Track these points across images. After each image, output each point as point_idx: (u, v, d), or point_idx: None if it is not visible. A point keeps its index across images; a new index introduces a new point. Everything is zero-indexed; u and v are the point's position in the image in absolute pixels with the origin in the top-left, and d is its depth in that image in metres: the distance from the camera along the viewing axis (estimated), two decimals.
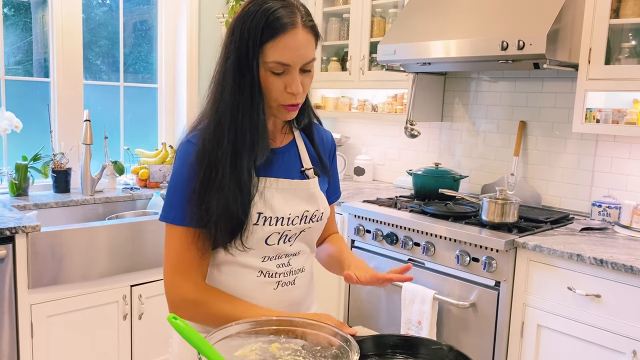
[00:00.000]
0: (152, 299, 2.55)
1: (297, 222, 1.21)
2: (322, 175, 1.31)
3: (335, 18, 3.56)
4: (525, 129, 2.91)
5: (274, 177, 1.19)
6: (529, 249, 2.16)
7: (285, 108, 1.15)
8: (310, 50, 1.12)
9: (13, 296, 2.17)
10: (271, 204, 1.17)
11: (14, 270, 2.16)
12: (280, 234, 1.19)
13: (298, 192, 1.22)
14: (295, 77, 1.11)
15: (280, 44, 1.07)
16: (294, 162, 1.26)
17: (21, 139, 2.77)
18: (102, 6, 3.08)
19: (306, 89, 1.16)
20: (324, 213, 1.27)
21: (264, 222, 1.16)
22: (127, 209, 2.88)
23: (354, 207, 2.77)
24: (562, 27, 2.34)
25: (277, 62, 1.08)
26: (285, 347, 1.01)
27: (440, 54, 2.57)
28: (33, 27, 2.85)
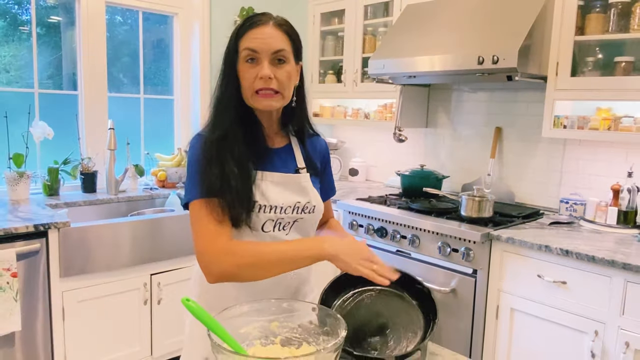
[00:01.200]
0: (170, 286, 2.59)
1: (290, 212, 1.25)
2: (314, 176, 1.35)
3: (331, 36, 3.59)
4: (500, 134, 2.95)
5: (269, 171, 1.24)
6: (502, 241, 2.20)
7: (258, 95, 1.18)
8: (277, 42, 1.17)
9: (47, 284, 2.22)
10: (266, 194, 1.21)
11: (47, 261, 2.20)
12: (275, 221, 1.23)
13: (291, 185, 1.26)
14: (264, 64, 1.16)
15: (249, 35, 1.18)
16: (290, 162, 1.31)
17: (53, 145, 2.82)
18: (123, 25, 3.12)
19: (281, 80, 1.19)
20: (315, 206, 1.30)
21: (259, 210, 1.20)
22: (147, 206, 2.92)
23: (349, 205, 2.80)
24: (532, 43, 2.37)
25: (247, 48, 1.17)
26: (284, 325, 1.05)
27: (424, 68, 2.60)
28: (62, 45, 2.89)
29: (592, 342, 1.96)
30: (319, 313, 1.04)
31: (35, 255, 2.16)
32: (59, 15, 2.86)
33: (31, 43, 2.75)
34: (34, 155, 2.79)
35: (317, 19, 3.58)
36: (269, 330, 1.04)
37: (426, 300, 1.13)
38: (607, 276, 1.92)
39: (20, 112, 2.72)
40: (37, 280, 2.18)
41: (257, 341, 1.01)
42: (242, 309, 1.02)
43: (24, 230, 2.10)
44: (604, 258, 1.89)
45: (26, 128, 2.67)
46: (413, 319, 1.12)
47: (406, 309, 1.15)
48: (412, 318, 1.13)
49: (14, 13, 2.69)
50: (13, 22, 2.69)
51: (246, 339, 1.00)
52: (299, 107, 1.30)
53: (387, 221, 2.61)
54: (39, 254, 2.16)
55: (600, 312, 1.94)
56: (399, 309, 1.16)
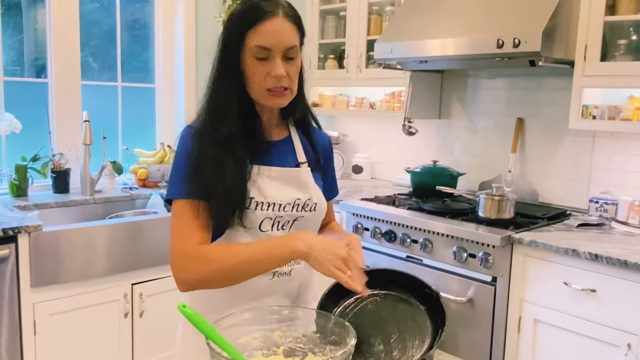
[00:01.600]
0: (153, 297, 2.63)
1: (289, 209, 1.29)
2: (316, 171, 1.40)
3: (332, 16, 3.64)
4: (522, 126, 3.00)
5: (267, 165, 1.28)
6: (524, 245, 2.25)
7: (270, 93, 1.24)
8: (290, 37, 1.22)
9: (16, 295, 2.25)
10: (263, 190, 1.26)
11: (17, 269, 2.24)
12: (273, 219, 1.28)
13: (290, 180, 1.31)
14: (277, 62, 1.21)
15: (260, 29, 1.20)
16: (290, 155, 1.36)
17: (19, 140, 2.85)
18: (94, 2, 3.14)
19: (292, 76, 1.25)
20: (317, 203, 1.34)
21: (255, 207, 1.25)
22: (126, 208, 2.96)
23: (352, 206, 2.85)
24: (557, 24, 2.42)
25: (259, 46, 1.20)
26: (287, 335, 1.10)
27: (437, 52, 2.65)
28: (25, 27, 2.92)
29: (625, 356, 2.01)
30: (322, 321, 1.08)
31: (3, 262, 2.20)
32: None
33: None
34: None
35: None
36: (271, 340, 1.09)
37: (435, 305, 1.18)
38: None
39: None
40: (5, 291, 2.22)
41: (258, 352, 1.06)
42: (242, 317, 1.07)
43: None
44: (637, 263, 1.95)
45: None
46: (420, 326, 1.17)
47: (413, 314, 1.20)
48: (419, 325, 1.18)
49: None
50: None
51: (246, 350, 1.05)
52: (300, 95, 1.34)
53: (396, 224, 2.66)
54: (7, 261, 2.20)
55: (634, 323, 2.00)
56: (405, 315, 1.21)
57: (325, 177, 1.47)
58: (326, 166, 1.48)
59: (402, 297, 1.23)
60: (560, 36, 2.45)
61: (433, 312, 1.18)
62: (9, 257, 2.21)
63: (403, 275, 1.26)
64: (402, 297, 1.23)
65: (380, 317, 1.21)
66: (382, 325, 1.19)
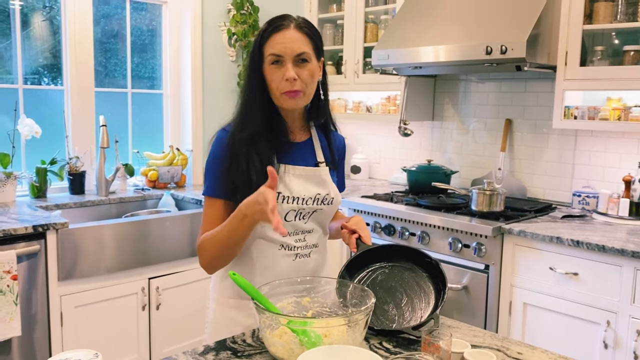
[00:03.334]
0: (169, 290, 2.85)
1: (311, 203, 1.53)
2: (332, 170, 1.63)
3: (330, 24, 3.88)
4: (511, 127, 3.26)
5: (292, 164, 1.52)
6: (514, 234, 2.50)
7: (285, 95, 1.47)
8: (299, 45, 1.46)
9: (45, 288, 2.47)
10: (289, 186, 1.50)
11: (46, 264, 2.45)
12: (296, 211, 1.52)
13: (312, 178, 1.55)
14: (288, 67, 1.45)
15: (272, 41, 1.45)
16: (310, 155, 1.59)
17: (37, 144, 3.06)
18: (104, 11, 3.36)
19: (304, 80, 1.47)
20: (334, 198, 1.58)
21: (282, 201, 1.48)
22: (138, 208, 3.18)
23: (353, 202, 3.09)
24: (541, 33, 2.68)
25: (271, 53, 1.45)
26: (315, 301, 1.33)
27: (430, 58, 2.90)
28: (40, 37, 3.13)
29: (605, 332, 2.26)
30: (344, 288, 1.32)
31: (34, 258, 2.41)
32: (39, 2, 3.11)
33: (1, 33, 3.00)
34: (19, 155, 3.04)
35: (315, 6, 3.87)
36: (301, 305, 1.33)
37: (435, 272, 1.42)
38: (617, 265, 2.22)
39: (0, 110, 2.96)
40: (35, 284, 2.43)
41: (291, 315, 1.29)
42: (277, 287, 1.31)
43: (22, 231, 2.35)
44: (613, 247, 2.20)
45: (9, 126, 2.92)
46: (425, 290, 1.41)
47: (418, 281, 1.44)
48: (424, 289, 1.42)
49: None
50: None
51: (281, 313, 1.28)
52: (325, 102, 1.59)
53: (394, 218, 2.90)
54: (37, 256, 2.42)
55: (612, 302, 2.25)
56: (411, 282, 1.45)
57: (337, 174, 1.71)
58: (339, 164, 1.72)
59: (407, 267, 1.47)
60: (544, 43, 2.71)
61: (434, 277, 1.42)
62: (39, 252, 2.42)
63: (405, 248, 1.51)
64: (406, 267, 1.47)
65: (390, 285, 1.45)
66: (392, 292, 1.43)
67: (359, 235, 1.57)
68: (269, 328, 1.19)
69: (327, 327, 1.13)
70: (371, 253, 1.52)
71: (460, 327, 1.40)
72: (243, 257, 1.54)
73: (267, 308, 1.18)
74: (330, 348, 1.08)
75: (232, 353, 1.23)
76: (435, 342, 1.12)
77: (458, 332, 1.36)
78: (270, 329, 1.19)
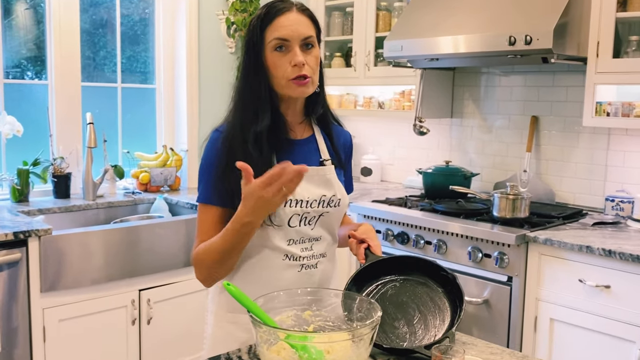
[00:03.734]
0: (161, 303, 2.87)
1: (316, 205, 1.54)
2: (338, 168, 1.65)
3: (338, 12, 3.90)
4: (537, 124, 3.26)
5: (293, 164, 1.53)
6: (539, 243, 2.50)
7: (294, 82, 1.48)
8: (305, 28, 1.48)
9: (26, 300, 2.50)
10: None
11: (27, 273, 2.48)
12: (300, 215, 1.53)
13: (315, 178, 1.56)
14: (296, 51, 1.46)
15: (276, 24, 1.46)
16: (313, 153, 1.61)
17: (18, 143, 3.10)
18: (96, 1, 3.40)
19: (312, 66, 1.49)
20: (340, 199, 1.60)
21: (284, 204, 1.49)
22: (128, 213, 3.21)
23: (363, 207, 3.10)
24: (570, 21, 2.69)
25: (276, 38, 1.46)
26: (317, 315, 1.35)
27: (448, 49, 2.91)
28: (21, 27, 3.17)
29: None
30: (349, 301, 1.33)
31: (15, 267, 2.44)
32: None
33: None
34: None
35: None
36: (302, 319, 1.34)
37: (452, 287, 1.43)
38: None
39: None
40: (16, 295, 2.46)
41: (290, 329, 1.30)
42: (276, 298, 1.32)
43: (2, 238, 2.38)
44: None
45: None
46: (440, 307, 1.42)
47: (432, 297, 1.45)
48: (438, 306, 1.42)
49: None
50: None
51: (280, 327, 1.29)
52: (321, 91, 1.60)
53: (408, 225, 2.91)
54: (18, 265, 2.45)
55: None
56: (424, 297, 1.45)
57: (345, 174, 1.72)
58: (346, 163, 1.73)
59: (420, 281, 1.48)
60: (573, 33, 2.72)
61: (450, 293, 1.43)
62: (20, 261, 2.45)
63: (419, 260, 1.52)
64: (420, 280, 1.48)
65: (401, 301, 1.46)
66: (404, 308, 1.44)
67: (368, 245, 1.58)
68: (266, 343, 1.20)
69: (329, 342, 1.15)
70: (381, 264, 1.53)
71: (477, 344, 1.41)
72: (244, 268, 1.55)
73: (264, 321, 1.19)
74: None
75: None
76: (447, 359, 1.13)
77: (473, 349, 1.37)
78: (268, 344, 1.20)
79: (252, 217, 1.35)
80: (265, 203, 1.32)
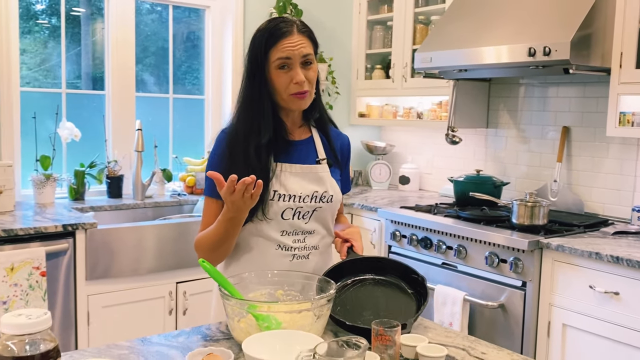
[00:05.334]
0: (196, 296, 3.10)
1: (309, 201, 1.71)
2: (335, 167, 1.81)
3: (380, 26, 4.06)
4: (568, 135, 3.29)
5: (289, 163, 1.71)
6: (552, 249, 2.55)
7: (295, 97, 1.67)
8: (305, 47, 1.67)
9: (73, 286, 2.78)
10: (285, 184, 1.69)
11: (74, 262, 2.77)
12: (294, 209, 1.70)
13: (309, 176, 1.73)
14: (297, 71, 1.65)
15: (280, 46, 1.65)
16: (311, 153, 1.79)
17: (78, 147, 3.43)
18: (151, 16, 3.72)
19: (310, 80, 1.68)
20: (333, 195, 1.76)
21: (278, 199, 1.67)
22: (174, 213, 3.47)
23: (391, 213, 3.23)
24: (593, 33, 2.74)
25: (280, 58, 1.64)
26: (288, 294, 1.51)
27: (473, 60, 3.01)
28: (82, 40, 3.51)
29: None
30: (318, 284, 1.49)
31: (62, 256, 2.73)
32: (82, 7, 3.49)
33: (46, 36, 3.39)
34: (60, 158, 3.41)
35: (364, 7, 4.06)
36: (274, 297, 1.51)
37: (420, 288, 1.56)
38: None
39: (46, 113, 3.35)
40: (63, 282, 2.75)
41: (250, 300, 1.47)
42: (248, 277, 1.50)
43: (52, 229, 2.68)
44: None
45: (52, 129, 3.29)
46: (407, 303, 1.56)
47: (400, 296, 1.59)
48: (406, 303, 1.56)
49: (26, 2, 3.30)
50: (26, 12, 3.31)
51: None
52: (317, 97, 1.78)
53: (432, 230, 3.02)
54: (66, 254, 2.73)
55: None
56: (395, 295, 1.60)
57: (342, 174, 1.88)
58: (343, 163, 1.89)
59: (392, 281, 1.62)
60: (597, 44, 2.76)
61: (419, 294, 1.56)
62: (68, 250, 2.74)
63: (394, 262, 1.66)
64: (392, 281, 1.62)
65: (373, 295, 1.60)
66: (374, 301, 1.58)
67: (351, 245, 1.73)
68: (237, 316, 1.38)
69: (277, 312, 1.31)
70: (361, 264, 1.68)
71: (436, 329, 1.53)
72: (241, 255, 1.74)
73: (232, 294, 1.37)
74: (279, 332, 1.25)
75: (201, 337, 1.43)
76: (387, 334, 1.27)
77: (431, 332, 1.49)
78: (239, 316, 1.38)
79: (234, 213, 1.54)
80: (238, 205, 1.51)
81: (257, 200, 1.52)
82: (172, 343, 1.40)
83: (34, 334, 0.99)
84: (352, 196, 3.74)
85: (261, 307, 1.32)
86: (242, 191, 1.46)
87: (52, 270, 2.70)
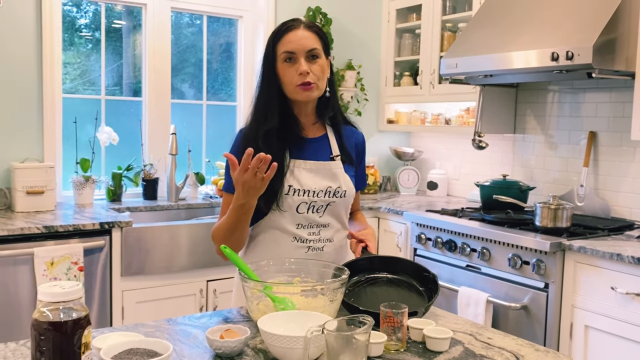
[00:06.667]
0: (226, 294, 3.21)
1: (322, 195, 1.80)
2: (348, 164, 1.89)
3: (409, 34, 4.14)
4: (595, 140, 3.30)
5: (303, 159, 1.80)
6: (574, 251, 2.58)
7: (300, 88, 1.75)
8: (310, 42, 1.76)
9: (108, 282, 2.92)
10: (299, 179, 1.78)
11: (110, 259, 2.91)
12: (308, 204, 1.79)
13: (323, 172, 1.82)
14: (301, 62, 1.74)
15: (285, 40, 1.76)
16: (325, 150, 1.87)
17: (115, 151, 3.59)
18: (191, 27, 3.88)
19: (316, 73, 1.76)
20: (346, 191, 1.84)
21: (293, 193, 1.76)
22: (205, 214, 3.59)
23: (417, 216, 3.29)
24: (618, 37, 2.77)
25: (284, 51, 1.75)
26: (305, 281, 1.60)
27: (497, 66, 3.06)
28: (124, 51, 3.68)
29: None
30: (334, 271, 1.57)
31: (99, 252, 2.87)
32: (122, 19, 3.67)
33: (89, 48, 3.57)
34: (99, 161, 3.58)
35: (393, 16, 4.15)
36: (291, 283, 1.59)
37: (433, 285, 1.63)
38: None
39: (86, 118, 3.52)
40: (99, 277, 2.89)
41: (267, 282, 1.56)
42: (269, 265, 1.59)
43: (90, 227, 2.82)
44: None
45: (92, 134, 3.46)
46: (419, 301, 1.62)
47: (412, 293, 1.66)
48: (419, 301, 1.63)
49: (71, 17, 3.49)
50: (70, 26, 3.50)
51: None
52: (332, 96, 1.87)
53: (456, 233, 3.07)
54: (102, 251, 2.87)
55: None
56: (407, 293, 1.67)
57: (357, 170, 1.97)
58: (358, 160, 1.97)
59: (405, 280, 1.69)
60: (622, 48, 2.79)
61: (430, 291, 1.64)
62: (104, 247, 2.88)
63: (407, 262, 1.76)
64: (405, 280, 1.69)
65: (387, 292, 1.68)
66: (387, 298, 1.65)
67: (366, 245, 1.81)
68: (256, 299, 1.47)
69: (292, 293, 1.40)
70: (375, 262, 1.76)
71: (445, 316, 1.59)
72: (259, 246, 1.84)
73: (250, 277, 1.46)
74: (293, 312, 1.34)
75: (222, 319, 1.53)
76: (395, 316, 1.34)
77: (441, 320, 1.56)
78: (258, 300, 1.47)
79: (244, 199, 1.62)
80: (249, 187, 1.58)
81: (267, 185, 1.59)
82: (195, 323, 1.49)
83: (67, 301, 1.10)
84: (379, 200, 3.82)
85: (277, 287, 1.41)
86: (255, 169, 1.53)
87: (89, 265, 2.84)
